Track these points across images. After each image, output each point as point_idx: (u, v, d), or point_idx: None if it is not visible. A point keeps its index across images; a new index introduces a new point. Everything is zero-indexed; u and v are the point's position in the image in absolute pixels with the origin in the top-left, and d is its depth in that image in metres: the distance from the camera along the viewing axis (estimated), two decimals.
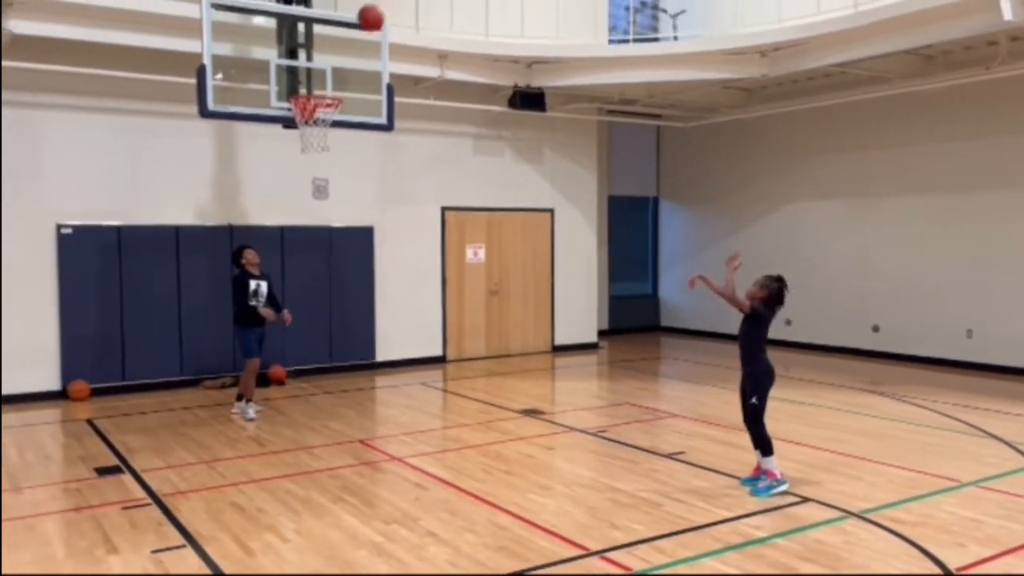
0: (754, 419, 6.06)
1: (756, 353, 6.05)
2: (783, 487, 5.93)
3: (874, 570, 4.62)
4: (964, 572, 4.56)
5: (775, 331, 12.10)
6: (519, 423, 8.49)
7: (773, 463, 6.01)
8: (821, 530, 5.26)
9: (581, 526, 5.38)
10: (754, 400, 6.04)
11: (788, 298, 6.12)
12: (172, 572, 4.71)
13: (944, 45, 10.24)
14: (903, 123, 12.12)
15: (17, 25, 8.47)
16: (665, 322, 16.31)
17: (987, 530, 5.22)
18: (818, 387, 10.29)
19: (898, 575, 4.56)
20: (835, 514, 5.54)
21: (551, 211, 13.58)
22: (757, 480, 6.13)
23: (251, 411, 8.74)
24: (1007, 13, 8.31)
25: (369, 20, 8.24)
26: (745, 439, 7.55)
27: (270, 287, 8.97)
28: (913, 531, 5.19)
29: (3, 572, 4.70)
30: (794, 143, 13.73)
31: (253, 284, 8.76)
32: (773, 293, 6.01)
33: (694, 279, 6.13)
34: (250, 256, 8.87)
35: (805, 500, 5.83)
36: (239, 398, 8.98)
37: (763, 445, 6.04)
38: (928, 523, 5.35)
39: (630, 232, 16.35)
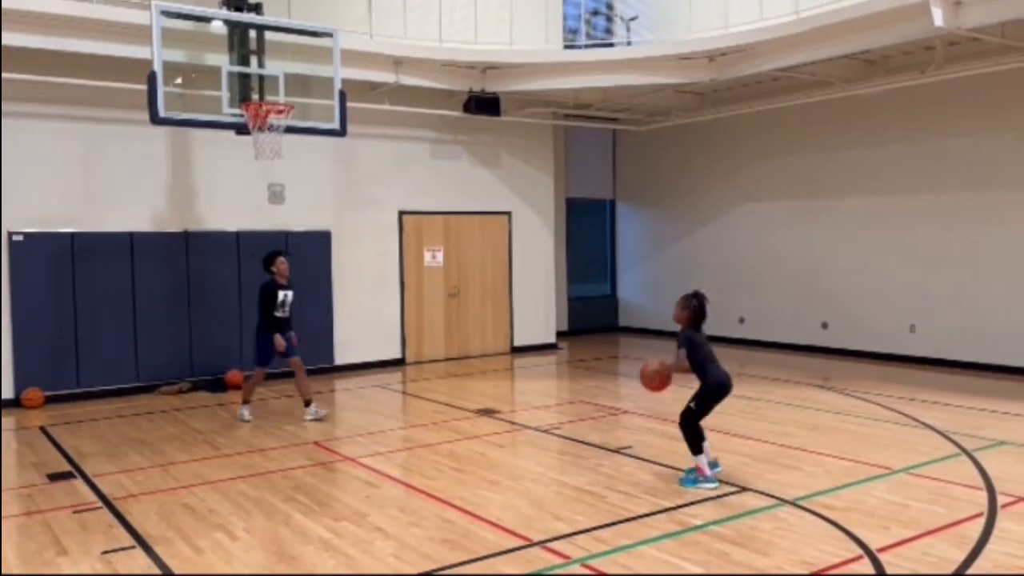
0: (686, 420, 6.24)
1: (702, 371, 6.19)
2: (711, 485, 6.05)
3: (801, 553, 4.84)
4: (884, 552, 4.80)
5: (729, 329, 12.38)
6: (474, 422, 8.64)
7: (703, 461, 6.16)
8: (755, 517, 5.48)
9: (525, 518, 5.54)
10: (691, 405, 6.23)
11: (741, 296, 6.33)
12: (121, 571, 4.78)
13: (884, 50, 10.59)
14: (846, 126, 12.48)
15: None
16: (624, 322, 16.56)
17: (911, 513, 5.47)
18: (769, 383, 10.56)
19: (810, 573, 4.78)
20: (770, 502, 5.76)
21: (508, 214, 13.76)
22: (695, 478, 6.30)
23: (246, 416, 8.83)
24: (938, 20, 8.66)
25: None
26: None
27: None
28: (842, 516, 5.42)
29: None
30: (745, 146, 14.05)
31: (281, 295, 8.68)
32: (695, 310, 6.24)
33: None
34: (282, 266, 8.72)
35: (743, 490, 6.05)
36: (306, 404, 8.89)
37: (691, 445, 6.20)
38: (857, 508, 5.59)
39: (588, 234, 16.59)
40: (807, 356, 12.78)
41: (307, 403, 8.90)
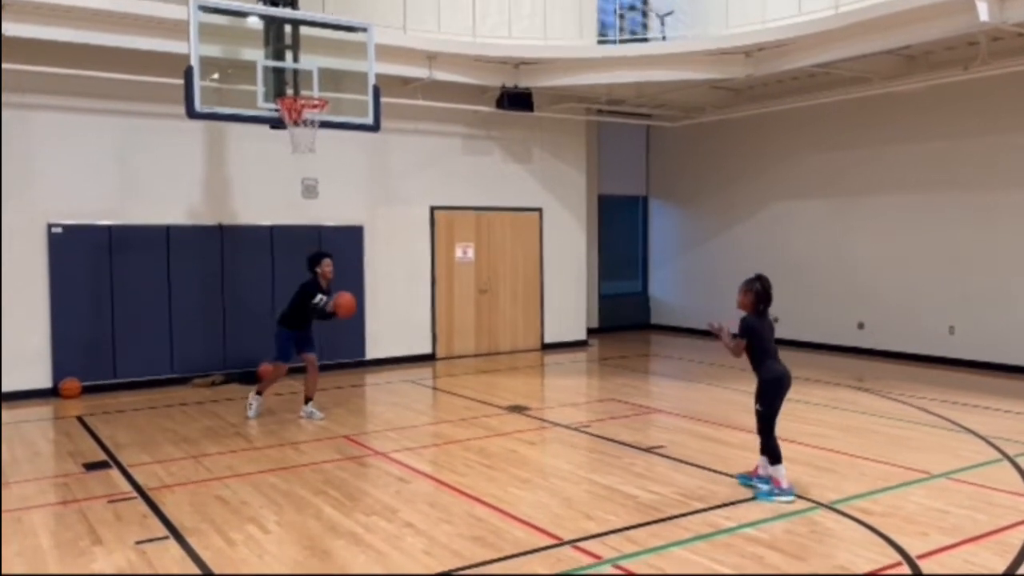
0: (760, 426, 5.97)
1: (760, 363, 5.96)
2: (788, 498, 5.73)
3: (838, 558, 4.74)
4: (924, 559, 4.69)
5: None
6: (504, 419, 8.61)
7: (781, 472, 5.86)
8: (790, 520, 5.39)
9: (556, 517, 5.50)
10: (758, 407, 5.97)
11: (776, 295, 6.10)
12: (155, 562, 4.82)
13: (925, 45, 10.36)
14: (886, 122, 12.24)
15: (8, 28, 8.58)
16: (655, 320, 16.43)
17: (952, 520, 5.35)
18: (803, 383, 10.35)
19: (849, 575, 4.69)
20: (806, 505, 5.66)
21: (540, 210, 13.70)
22: (750, 478, 6.08)
23: (253, 408, 8.80)
24: (983, 14, 8.46)
25: None
26: (726, 434, 7.74)
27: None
28: (879, 521, 5.31)
29: (3, 572, 4.81)
30: (780, 142, 13.85)
31: (320, 298, 8.48)
32: (759, 293, 6.01)
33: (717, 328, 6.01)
34: (327, 269, 8.54)
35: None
36: (306, 401, 8.82)
37: (769, 453, 5.92)
38: (895, 513, 5.47)
39: (620, 231, 16.48)
40: (843, 357, 12.58)
41: (307, 400, 8.80)
